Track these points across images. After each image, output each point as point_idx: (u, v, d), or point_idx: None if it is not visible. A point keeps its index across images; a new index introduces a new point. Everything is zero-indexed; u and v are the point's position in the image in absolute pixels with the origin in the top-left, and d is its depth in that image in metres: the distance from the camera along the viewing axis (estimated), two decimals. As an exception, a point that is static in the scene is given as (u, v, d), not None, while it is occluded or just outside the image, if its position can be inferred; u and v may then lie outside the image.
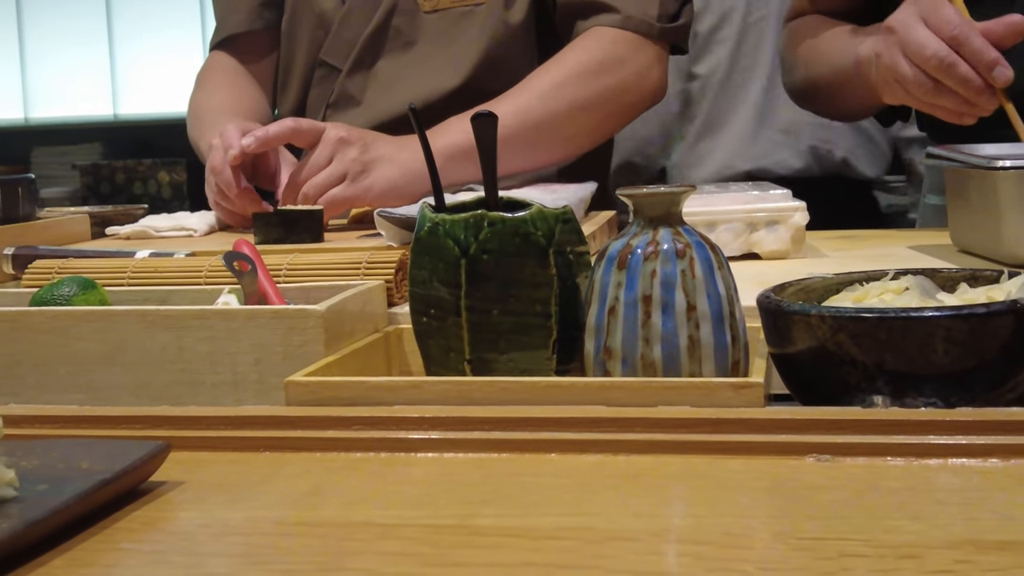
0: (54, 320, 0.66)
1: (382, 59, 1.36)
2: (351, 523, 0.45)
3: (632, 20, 1.29)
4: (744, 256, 0.98)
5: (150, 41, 3.53)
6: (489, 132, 0.64)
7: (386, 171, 1.16)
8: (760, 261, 0.97)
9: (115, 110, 3.57)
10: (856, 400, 0.56)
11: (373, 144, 1.17)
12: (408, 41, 1.35)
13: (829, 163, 1.88)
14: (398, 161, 1.16)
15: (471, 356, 0.63)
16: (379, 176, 1.15)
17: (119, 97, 3.56)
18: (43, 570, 0.41)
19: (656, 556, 0.40)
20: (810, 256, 0.99)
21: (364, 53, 1.35)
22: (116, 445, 0.50)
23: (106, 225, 1.15)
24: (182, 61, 3.43)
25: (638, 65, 1.30)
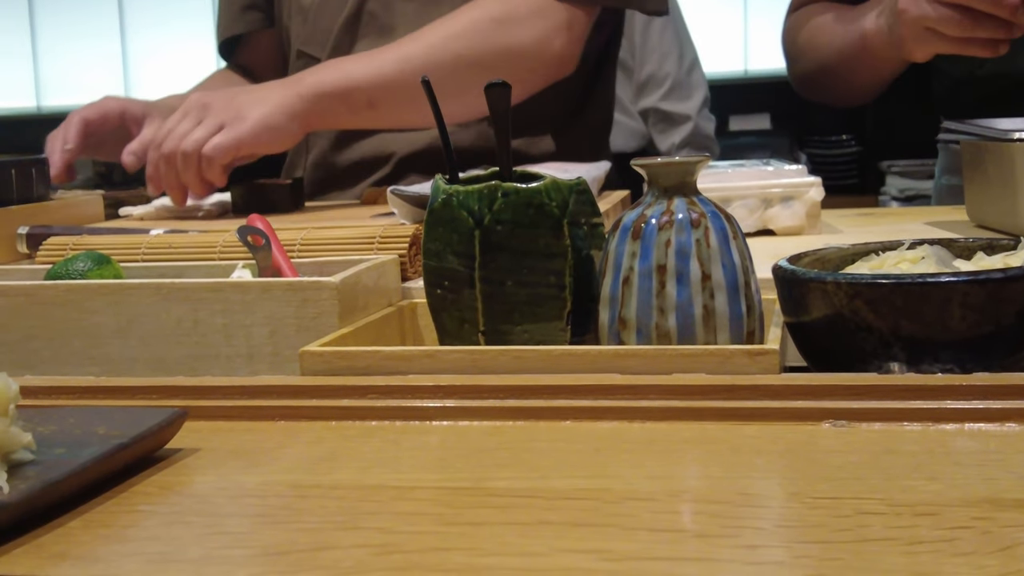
0: (69, 294, 0.66)
1: (359, 45, 1.34)
2: (366, 486, 0.45)
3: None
4: (759, 232, 0.97)
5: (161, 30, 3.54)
6: (503, 102, 0.64)
7: (260, 110, 1.14)
8: (775, 237, 0.97)
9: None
10: (872, 368, 0.56)
11: (239, 94, 1.17)
12: (384, 26, 1.33)
13: None
14: (268, 100, 1.15)
15: (485, 328, 0.63)
16: (256, 115, 1.14)
17: (131, 86, 3.56)
18: (61, 531, 0.41)
19: (672, 514, 0.40)
20: (825, 232, 0.98)
21: (341, 40, 1.34)
22: (133, 412, 0.50)
23: (119, 207, 1.16)
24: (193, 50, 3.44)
25: (537, 29, 1.22)
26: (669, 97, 2.27)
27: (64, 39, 3.61)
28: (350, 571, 0.36)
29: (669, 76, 2.26)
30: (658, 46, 2.27)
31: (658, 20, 2.27)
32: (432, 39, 1.20)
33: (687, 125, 2.26)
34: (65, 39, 3.60)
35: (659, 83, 2.27)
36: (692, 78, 2.30)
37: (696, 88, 2.30)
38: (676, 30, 2.30)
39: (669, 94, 2.27)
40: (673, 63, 2.27)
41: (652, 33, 2.27)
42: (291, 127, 1.14)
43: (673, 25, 2.29)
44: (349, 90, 1.16)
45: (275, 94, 1.16)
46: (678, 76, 2.27)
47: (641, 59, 2.28)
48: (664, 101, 2.26)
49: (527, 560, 0.36)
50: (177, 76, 3.42)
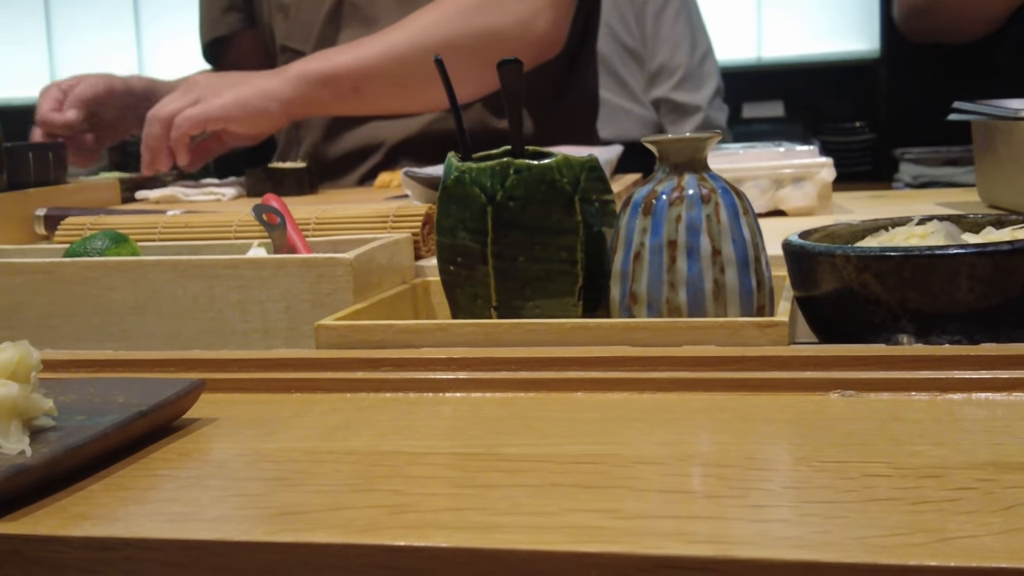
0: (87, 271, 0.67)
1: (343, 36, 1.35)
2: (381, 451, 0.46)
3: None
4: (770, 213, 0.98)
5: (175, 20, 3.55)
6: (514, 80, 0.64)
7: (238, 91, 1.18)
8: (786, 218, 0.97)
9: (142, 87, 3.58)
10: (881, 340, 0.56)
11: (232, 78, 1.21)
12: (366, 16, 1.34)
13: None
14: (250, 84, 1.19)
15: (498, 303, 0.64)
16: (230, 95, 1.17)
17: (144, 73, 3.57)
18: (82, 493, 0.42)
19: (681, 477, 0.41)
20: (837, 212, 0.98)
21: (325, 31, 1.35)
22: (152, 383, 0.51)
23: (135, 190, 1.17)
24: (208, 38, 3.45)
25: (519, 11, 1.22)
26: (680, 88, 2.27)
27: (78, 28, 3.62)
28: (365, 529, 0.37)
29: (680, 67, 2.26)
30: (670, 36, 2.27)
31: (670, 10, 2.27)
32: (416, 26, 1.22)
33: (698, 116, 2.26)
34: (79, 28, 3.62)
35: (670, 73, 2.27)
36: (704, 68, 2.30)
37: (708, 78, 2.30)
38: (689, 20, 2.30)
39: (680, 84, 2.27)
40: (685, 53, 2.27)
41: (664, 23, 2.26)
42: (270, 108, 1.17)
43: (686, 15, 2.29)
44: (333, 76, 1.19)
45: (259, 79, 1.20)
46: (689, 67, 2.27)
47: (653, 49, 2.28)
48: (675, 91, 2.26)
49: (539, 519, 0.36)
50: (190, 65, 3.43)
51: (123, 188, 1.16)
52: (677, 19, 2.27)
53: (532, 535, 0.35)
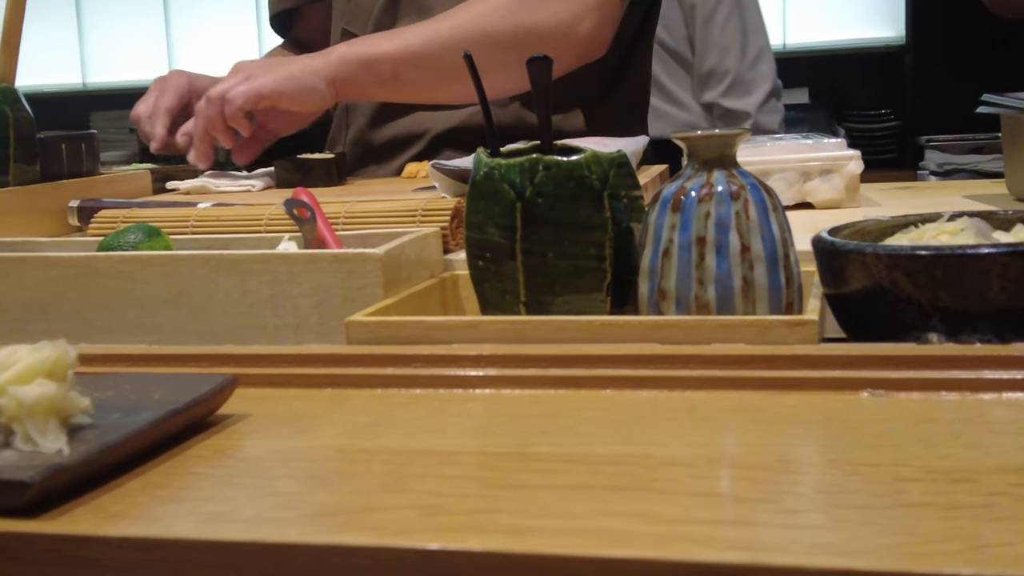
0: (122, 265, 0.68)
1: (400, 24, 1.36)
2: (412, 450, 0.46)
3: None
4: (798, 205, 0.97)
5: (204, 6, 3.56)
6: (544, 75, 0.65)
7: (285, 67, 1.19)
8: (814, 210, 0.97)
9: (170, 74, 3.61)
10: (911, 338, 0.56)
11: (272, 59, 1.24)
12: (423, 5, 1.35)
13: None
14: (298, 62, 1.20)
15: (527, 299, 0.64)
16: (278, 71, 1.19)
17: (174, 62, 3.60)
18: (119, 491, 0.42)
19: (712, 479, 0.41)
20: (865, 205, 0.98)
21: (382, 18, 1.36)
22: (186, 379, 0.52)
23: (166, 181, 1.18)
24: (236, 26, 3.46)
25: (563, 11, 1.22)
26: (729, 93, 2.22)
27: (109, 16, 3.64)
28: (398, 532, 0.37)
29: (729, 72, 2.22)
30: (719, 40, 2.22)
31: (720, 14, 2.23)
32: (460, 17, 1.22)
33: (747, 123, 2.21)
34: (110, 16, 3.64)
35: (720, 78, 2.22)
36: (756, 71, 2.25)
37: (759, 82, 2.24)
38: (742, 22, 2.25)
39: (729, 90, 2.22)
40: (734, 58, 2.22)
41: (713, 27, 2.22)
42: (318, 85, 1.18)
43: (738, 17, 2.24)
44: (375, 60, 1.20)
45: (305, 59, 1.21)
46: (739, 71, 2.22)
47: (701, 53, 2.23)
48: (724, 97, 2.22)
49: (570, 522, 0.37)
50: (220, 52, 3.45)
51: (154, 179, 1.17)
52: (727, 23, 2.23)
53: (564, 539, 0.35)
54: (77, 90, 3.59)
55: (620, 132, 1.36)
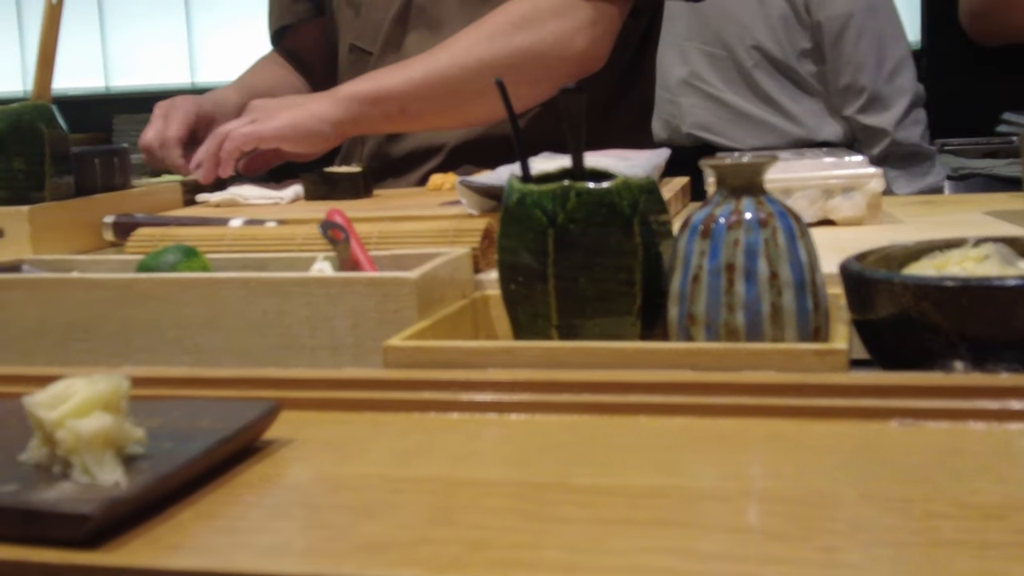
0: (162, 286, 0.70)
1: (409, 39, 1.38)
2: (455, 480, 0.47)
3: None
4: (820, 223, 0.98)
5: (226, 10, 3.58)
6: (576, 106, 0.66)
7: (292, 113, 1.23)
8: (836, 227, 0.98)
9: (192, 78, 3.63)
10: (937, 366, 0.58)
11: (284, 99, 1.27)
12: (432, 19, 1.37)
13: None
14: (303, 105, 1.24)
15: (559, 322, 0.66)
16: (284, 118, 1.23)
17: (196, 66, 3.62)
18: (174, 522, 0.44)
19: (752, 515, 0.42)
20: (886, 222, 0.99)
21: (392, 34, 1.38)
22: (232, 405, 0.53)
23: (196, 193, 1.19)
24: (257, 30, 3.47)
25: (559, 29, 1.24)
26: (865, 111, 2.16)
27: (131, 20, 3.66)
28: (448, 567, 0.38)
29: (865, 89, 2.15)
30: (852, 56, 2.15)
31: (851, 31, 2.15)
32: (458, 47, 1.25)
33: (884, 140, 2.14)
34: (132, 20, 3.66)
35: (856, 95, 2.16)
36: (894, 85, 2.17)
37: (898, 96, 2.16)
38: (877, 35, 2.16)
39: (866, 107, 2.16)
40: (869, 74, 2.15)
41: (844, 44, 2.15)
42: (323, 130, 1.23)
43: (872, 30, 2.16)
44: (381, 98, 1.24)
45: (313, 102, 1.25)
46: (875, 88, 2.15)
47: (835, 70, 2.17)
48: (861, 114, 2.16)
49: (615, 559, 0.38)
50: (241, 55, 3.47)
51: (184, 191, 1.19)
52: (860, 39, 2.15)
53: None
54: (100, 93, 3.62)
55: (628, 137, 1.38)
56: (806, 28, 2.16)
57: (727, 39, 2.20)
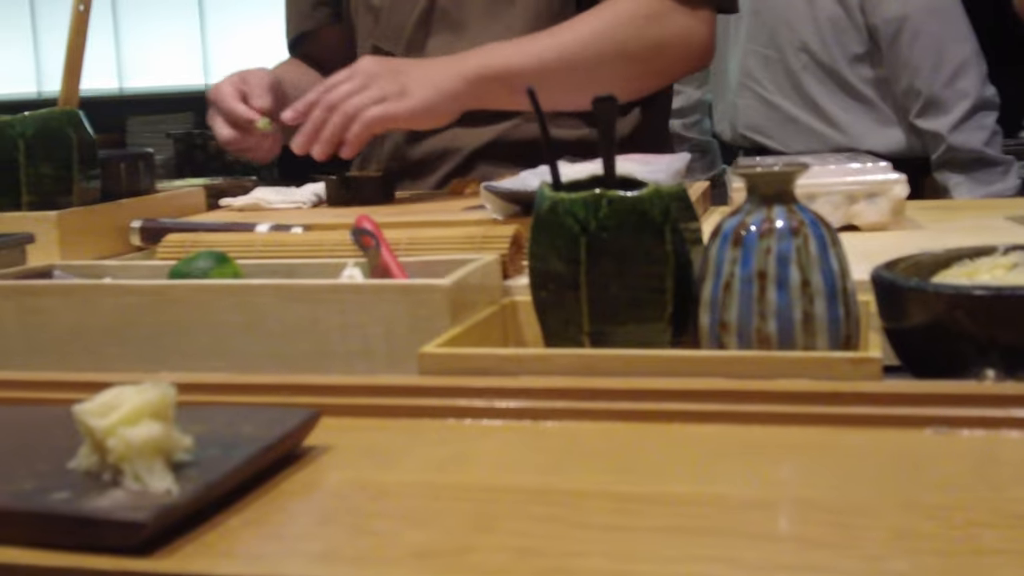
0: (196, 293, 0.70)
1: (432, 40, 1.38)
2: (496, 488, 0.48)
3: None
4: (843, 228, 0.99)
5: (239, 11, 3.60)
6: (609, 113, 0.66)
7: (424, 91, 1.19)
8: (860, 233, 0.98)
9: (206, 80, 3.64)
10: (969, 373, 0.58)
11: (407, 68, 1.21)
12: (456, 21, 1.37)
13: None
14: (434, 81, 1.20)
15: (590, 329, 0.66)
16: (418, 96, 1.19)
17: (210, 67, 3.63)
18: (223, 529, 0.44)
19: (793, 523, 0.43)
20: (909, 228, 1.00)
21: (415, 36, 1.39)
22: (273, 412, 0.54)
23: (219, 197, 1.20)
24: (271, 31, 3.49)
25: (681, 25, 1.29)
26: (923, 115, 2.11)
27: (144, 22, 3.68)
28: (496, 574, 0.39)
29: (921, 93, 2.11)
30: (908, 60, 2.11)
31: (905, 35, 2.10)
32: (588, 30, 1.26)
33: (940, 145, 2.10)
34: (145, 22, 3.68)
35: (913, 99, 2.11)
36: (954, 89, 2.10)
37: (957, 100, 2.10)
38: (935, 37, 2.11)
39: (923, 112, 2.11)
40: (925, 78, 2.10)
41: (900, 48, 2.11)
42: (451, 107, 1.21)
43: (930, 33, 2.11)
44: (511, 75, 1.22)
45: (441, 76, 1.21)
46: (932, 92, 2.10)
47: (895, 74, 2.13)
48: (919, 119, 2.12)
49: (665, 567, 0.39)
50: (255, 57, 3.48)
51: (207, 195, 1.19)
52: (914, 42, 2.10)
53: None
54: (114, 95, 3.64)
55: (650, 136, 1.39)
56: (860, 31, 2.12)
57: (779, 40, 2.17)
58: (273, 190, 1.22)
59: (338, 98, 1.17)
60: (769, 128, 2.20)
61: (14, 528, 0.43)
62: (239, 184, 1.30)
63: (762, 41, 2.20)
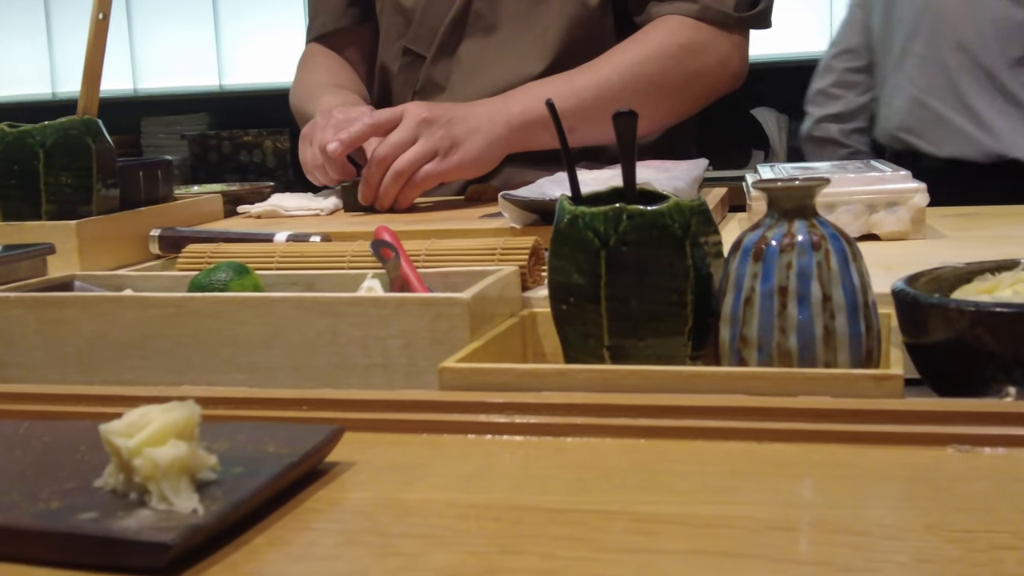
0: (217, 305, 0.71)
1: (464, 44, 1.39)
2: (520, 507, 0.48)
3: (709, 11, 1.32)
4: (863, 237, 0.99)
5: (254, 13, 3.60)
6: (629, 130, 0.66)
7: (474, 144, 1.22)
8: (880, 242, 0.98)
9: (220, 81, 3.65)
10: (991, 391, 0.58)
11: (456, 119, 1.22)
12: (489, 25, 1.38)
13: None
14: (482, 132, 1.22)
15: (610, 343, 0.66)
16: (468, 150, 1.21)
17: (224, 68, 3.64)
18: (248, 548, 0.45)
19: (815, 546, 0.43)
20: (930, 236, 0.99)
21: (447, 39, 1.39)
22: (296, 429, 0.54)
23: (237, 203, 1.21)
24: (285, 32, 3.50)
25: (719, 53, 1.34)
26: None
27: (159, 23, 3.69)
28: (523, 596, 0.39)
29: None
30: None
31: None
32: (624, 63, 1.30)
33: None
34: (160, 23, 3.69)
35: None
36: None
37: None
38: None
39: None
40: None
41: None
42: (498, 156, 1.25)
43: None
44: None
45: (487, 125, 1.23)
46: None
47: None
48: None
49: (689, 592, 0.39)
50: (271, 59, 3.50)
51: (225, 201, 1.20)
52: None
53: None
54: (128, 96, 3.65)
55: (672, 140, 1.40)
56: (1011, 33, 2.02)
57: (936, 38, 2.09)
58: (290, 196, 1.22)
59: (389, 152, 1.18)
60: (920, 129, 2.12)
61: (42, 547, 0.43)
62: (256, 190, 1.30)
63: (922, 39, 2.11)
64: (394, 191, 1.18)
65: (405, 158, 1.18)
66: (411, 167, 1.17)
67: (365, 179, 1.19)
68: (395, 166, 1.17)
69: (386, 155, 1.18)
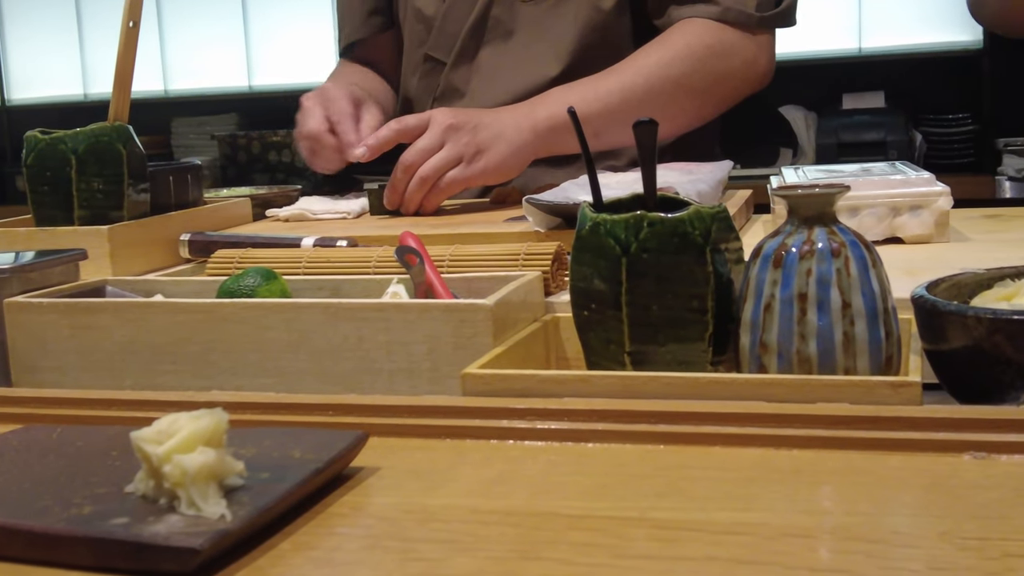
0: (245, 311, 0.72)
1: (483, 50, 1.41)
2: (540, 513, 0.49)
3: (730, 12, 1.32)
4: (887, 240, 0.99)
5: (283, 13, 3.63)
6: (650, 138, 0.67)
7: (499, 150, 1.23)
8: (904, 245, 0.98)
9: (250, 81, 3.68)
10: (1009, 398, 0.58)
11: (481, 125, 1.23)
12: (507, 31, 1.40)
13: None
14: (507, 138, 1.23)
15: (631, 349, 0.67)
16: (493, 156, 1.22)
17: (254, 69, 3.67)
18: (274, 553, 0.46)
19: (830, 553, 0.43)
20: (954, 240, 0.99)
21: (467, 45, 1.41)
22: (321, 435, 0.55)
23: (266, 207, 1.22)
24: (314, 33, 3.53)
25: (746, 54, 1.33)
26: None
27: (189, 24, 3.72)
28: (541, 602, 0.40)
29: None
30: None
31: None
32: (649, 66, 1.30)
33: None
34: (190, 24, 3.72)
35: None
36: None
37: None
38: None
39: None
40: None
41: None
42: (523, 162, 1.25)
43: None
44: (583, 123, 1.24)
45: (513, 131, 1.24)
46: None
47: None
48: None
49: (703, 600, 0.39)
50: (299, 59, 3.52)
51: (254, 205, 1.21)
52: None
53: (699, 617, 0.38)
54: (159, 97, 3.68)
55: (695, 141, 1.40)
56: None
57: None
58: (318, 200, 1.24)
59: (415, 158, 1.20)
60: None
61: (74, 552, 0.45)
62: (284, 194, 1.32)
63: None
64: (419, 196, 1.19)
65: (431, 164, 1.19)
66: (436, 173, 1.19)
67: (391, 184, 1.20)
68: (420, 172, 1.19)
69: (412, 161, 1.19)
